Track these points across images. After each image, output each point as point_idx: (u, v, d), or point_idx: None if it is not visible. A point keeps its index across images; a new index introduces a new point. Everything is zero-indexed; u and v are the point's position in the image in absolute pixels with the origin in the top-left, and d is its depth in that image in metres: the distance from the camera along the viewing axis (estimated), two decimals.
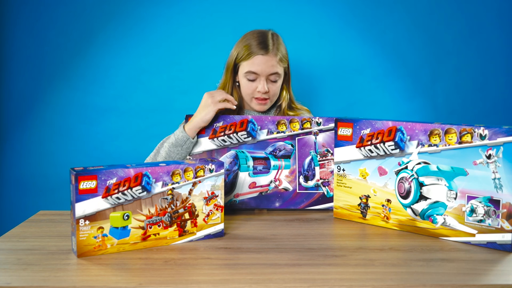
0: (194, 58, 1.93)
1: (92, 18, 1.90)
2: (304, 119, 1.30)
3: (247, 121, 1.29)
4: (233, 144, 1.30)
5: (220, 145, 1.30)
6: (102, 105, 1.92)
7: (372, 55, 1.95)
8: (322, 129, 1.30)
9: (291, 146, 1.30)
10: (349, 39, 1.94)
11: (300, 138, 1.30)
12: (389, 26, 1.94)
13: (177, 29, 1.92)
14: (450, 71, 1.97)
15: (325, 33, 1.94)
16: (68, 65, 1.91)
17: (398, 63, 1.96)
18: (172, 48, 1.92)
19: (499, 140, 1.00)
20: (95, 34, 1.90)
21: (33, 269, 0.89)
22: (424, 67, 1.97)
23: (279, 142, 1.30)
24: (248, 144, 1.30)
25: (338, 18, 1.94)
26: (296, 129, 1.30)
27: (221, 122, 1.30)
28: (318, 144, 1.31)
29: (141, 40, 1.91)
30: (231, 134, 1.29)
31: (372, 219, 1.20)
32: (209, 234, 1.08)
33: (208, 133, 1.30)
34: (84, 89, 1.92)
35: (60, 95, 1.91)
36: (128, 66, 1.92)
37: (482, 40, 1.96)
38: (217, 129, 1.30)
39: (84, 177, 0.95)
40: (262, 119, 1.30)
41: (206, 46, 1.91)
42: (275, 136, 1.30)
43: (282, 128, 1.30)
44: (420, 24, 1.95)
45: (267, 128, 1.30)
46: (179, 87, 1.93)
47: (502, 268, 0.92)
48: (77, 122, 1.92)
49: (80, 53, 1.91)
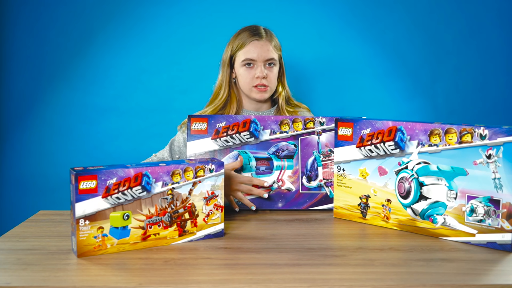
0: (194, 58, 1.93)
1: (92, 18, 1.90)
2: (307, 118, 1.30)
3: (250, 121, 1.28)
4: (236, 144, 1.29)
5: (223, 145, 1.29)
6: (102, 105, 1.92)
7: (372, 55, 1.95)
8: (325, 129, 1.30)
9: (294, 146, 1.29)
10: (349, 39, 1.94)
11: (303, 138, 1.30)
12: (389, 26, 1.94)
13: (177, 29, 1.92)
14: (450, 71, 1.97)
15: (325, 33, 1.94)
16: (68, 65, 1.91)
17: (398, 63, 1.96)
18: (172, 48, 1.92)
19: (499, 140, 1.00)
20: (95, 34, 1.90)
21: (33, 269, 0.89)
22: (424, 67, 1.97)
23: (282, 142, 1.29)
24: (251, 144, 1.29)
25: (338, 18, 1.94)
26: (299, 129, 1.30)
27: (223, 122, 1.28)
28: (321, 144, 1.30)
29: (141, 40, 1.91)
30: (233, 135, 1.28)
31: (372, 219, 1.20)
32: (209, 234, 1.08)
33: (211, 134, 1.29)
34: (84, 89, 1.92)
35: (60, 95, 1.91)
36: (128, 66, 1.92)
37: (482, 40, 1.96)
38: (220, 130, 1.28)
39: (84, 177, 0.95)
40: (265, 119, 1.29)
41: (206, 46, 1.91)
42: (278, 136, 1.29)
43: (285, 128, 1.29)
44: (420, 24, 1.95)
45: (270, 128, 1.29)
46: (179, 87, 1.93)
47: (502, 268, 0.92)
48: (77, 122, 1.92)
49: (80, 53, 1.91)
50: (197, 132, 1.28)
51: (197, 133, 1.28)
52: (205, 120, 1.28)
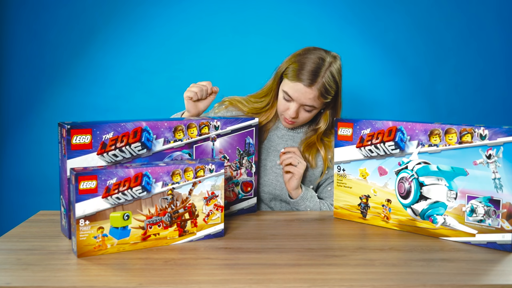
0: (194, 58, 1.93)
1: (92, 18, 1.90)
2: (202, 123, 1.21)
3: (141, 129, 1.11)
4: (126, 158, 1.11)
5: (111, 161, 1.09)
6: (102, 105, 1.92)
7: (372, 55, 1.95)
8: (219, 134, 1.23)
9: (189, 156, 1.19)
10: (349, 39, 1.94)
11: (197, 146, 1.20)
12: (389, 26, 1.94)
13: (177, 29, 1.92)
14: (450, 71, 1.97)
15: (325, 33, 1.94)
16: (68, 65, 1.91)
17: (398, 63, 1.96)
18: (172, 48, 1.92)
19: (499, 140, 1.00)
20: (95, 34, 1.91)
21: (33, 269, 0.89)
22: (424, 67, 1.97)
23: (176, 152, 1.17)
24: (143, 157, 1.13)
25: (338, 18, 1.94)
26: (194, 136, 1.19)
27: (111, 133, 1.08)
28: (215, 151, 1.24)
29: (141, 40, 1.91)
30: (123, 147, 1.10)
31: (372, 219, 1.20)
32: (209, 234, 1.08)
33: (96, 148, 1.06)
34: (84, 89, 1.92)
35: (60, 95, 1.92)
36: (128, 66, 1.92)
37: (482, 40, 1.96)
38: (107, 142, 1.07)
39: (84, 177, 0.95)
40: (158, 125, 1.15)
41: (206, 46, 1.91)
42: (172, 146, 1.16)
43: (180, 135, 1.17)
44: (420, 24, 1.95)
45: (163, 136, 1.15)
46: (179, 87, 1.93)
47: (502, 268, 0.92)
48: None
49: (80, 53, 1.91)
50: (79, 147, 1.05)
51: (79, 148, 1.05)
52: (89, 131, 1.06)
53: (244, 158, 1.30)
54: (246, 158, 1.30)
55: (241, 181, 1.30)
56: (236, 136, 1.27)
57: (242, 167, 1.29)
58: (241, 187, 1.30)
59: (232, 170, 1.28)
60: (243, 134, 1.28)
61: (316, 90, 1.31)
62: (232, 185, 1.29)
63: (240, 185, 1.30)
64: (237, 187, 1.29)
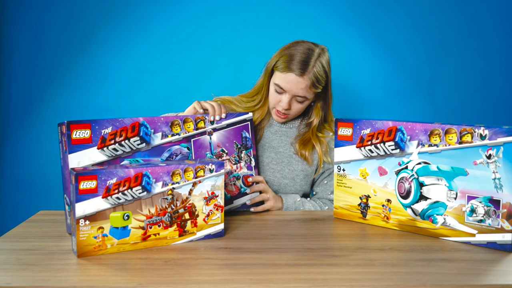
0: (194, 58, 1.93)
1: (92, 18, 1.90)
2: (198, 118, 1.24)
3: (138, 124, 1.15)
4: (126, 153, 1.14)
5: (111, 155, 1.12)
6: (102, 105, 1.92)
7: (372, 55, 1.95)
8: (216, 128, 1.26)
9: (187, 150, 1.22)
10: (349, 39, 1.94)
11: (195, 140, 1.23)
12: (389, 26, 1.94)
13: (177, 29, 1.92)
14: (450, 71, 1.97)
15: (325, 33, 1.93)
16: (68, 65, 1.91)
17: (398, 63, 1.96)
18: (172, 48, 1.92)
19: (499, 140, 1.00)
20: (95, 34, 1.90)
21: (33, 269, 0.89)
22: (424, 67, 1.97)
23: (175, 146, 1.20)
24: (143, 151, 1.16)
25: (338, 18, 1.94)
26: (191, 130, 1.22)
27: (109, 128, 1.11)
28: (213, 144, 1.25)
29: (141, 40, 1.91)
30: (122, 141, 1.13)
31: (372, 219, 1.20)
32: (209, 234, 1.08)
33: (96, 142, 1.10)
34: (84, 89, 1.92)
35: (60, 95, 1.91)
36: (128, 66, 1.92)
37: (482, 40, 1.96)
38: (106, 137, 1.11)
39: (84, 177, 0.95)
40: (155, 120, 1.18)
41: (206, 46, 1.91)
42: (170, 140, 1.19)
43: (177, 129, 1.20)
44: (420, 24, 1.95)
45: (161, 131, 1.18)
46: (179, 87, 1.93)
47: (502, 268, 0.92)
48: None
49: (80, 53, 1.91)
50: (79, 141, 1.08)
51: (79, 142, 1.08)
52: (88, 126, 1.09)
53: (243, 152, 1.30)
54: (244, 152, 1.31)
55: (241, 175, 1.31)
56: (232, 130, 1.29)
57: (241, 160, 1.30)
58: (242, 181, 1.31)
59: (232, 164, 1.29)
60: (239, 128, 1.30)
61: (308, 80, 1.35)
62: (234, 179, 1.30)
63: (241, 178, 1.31)
64: (239, 181, 1.31)
